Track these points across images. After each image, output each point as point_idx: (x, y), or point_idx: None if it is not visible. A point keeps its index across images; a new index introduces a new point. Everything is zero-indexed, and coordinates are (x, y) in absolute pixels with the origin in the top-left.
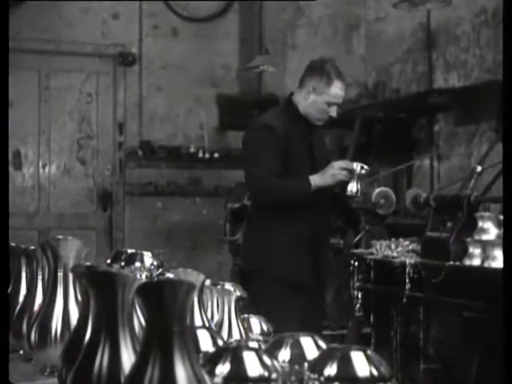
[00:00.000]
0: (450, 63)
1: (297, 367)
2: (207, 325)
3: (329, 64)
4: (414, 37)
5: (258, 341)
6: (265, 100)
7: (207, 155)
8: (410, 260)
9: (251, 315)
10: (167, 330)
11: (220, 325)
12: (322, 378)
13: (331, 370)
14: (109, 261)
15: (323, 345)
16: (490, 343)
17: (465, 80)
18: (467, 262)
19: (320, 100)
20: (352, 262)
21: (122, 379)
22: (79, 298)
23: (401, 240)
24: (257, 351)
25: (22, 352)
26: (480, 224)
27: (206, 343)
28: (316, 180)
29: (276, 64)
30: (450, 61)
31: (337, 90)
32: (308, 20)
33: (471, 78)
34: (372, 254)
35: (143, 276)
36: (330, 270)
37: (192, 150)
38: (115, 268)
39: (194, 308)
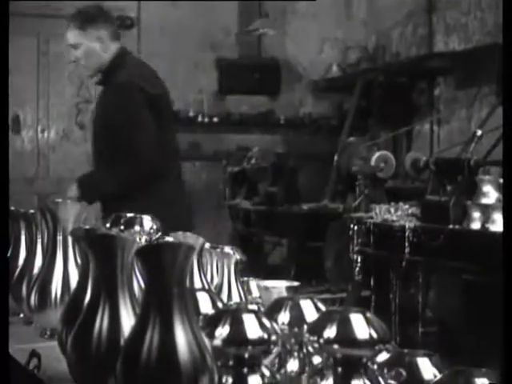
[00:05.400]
0: (451, 26)
1: (296, 330)
2: (207, 287)
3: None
4: (415, 0)
5: (257, 303)
6: (265, 63)
7: (206, 119)
8: (409, 224)
9: (251, 278)
10: (167, 292)
11: (220, 287)
12: (321, 340)
13: (330, 332)
14: (108, 225)
15: (322, 307)
16: (489, 306)
17: (465, 43)
18: (467, 226)
19: None
20: (351, 225)
21: (122, 341)
22: (79, 261)
23: (400, 204)
24: (256, 313)
25: (21, 315)
26: (480, 187)
27: (205, 305)
28: None
29: (276, 27)
30: (451, 24)
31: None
32: None
33: (472, 42)
34: (371, 217)
35: (143, 239)
36: None
37: (191, 114)
38: (114, 231)
39: (193, 270)
